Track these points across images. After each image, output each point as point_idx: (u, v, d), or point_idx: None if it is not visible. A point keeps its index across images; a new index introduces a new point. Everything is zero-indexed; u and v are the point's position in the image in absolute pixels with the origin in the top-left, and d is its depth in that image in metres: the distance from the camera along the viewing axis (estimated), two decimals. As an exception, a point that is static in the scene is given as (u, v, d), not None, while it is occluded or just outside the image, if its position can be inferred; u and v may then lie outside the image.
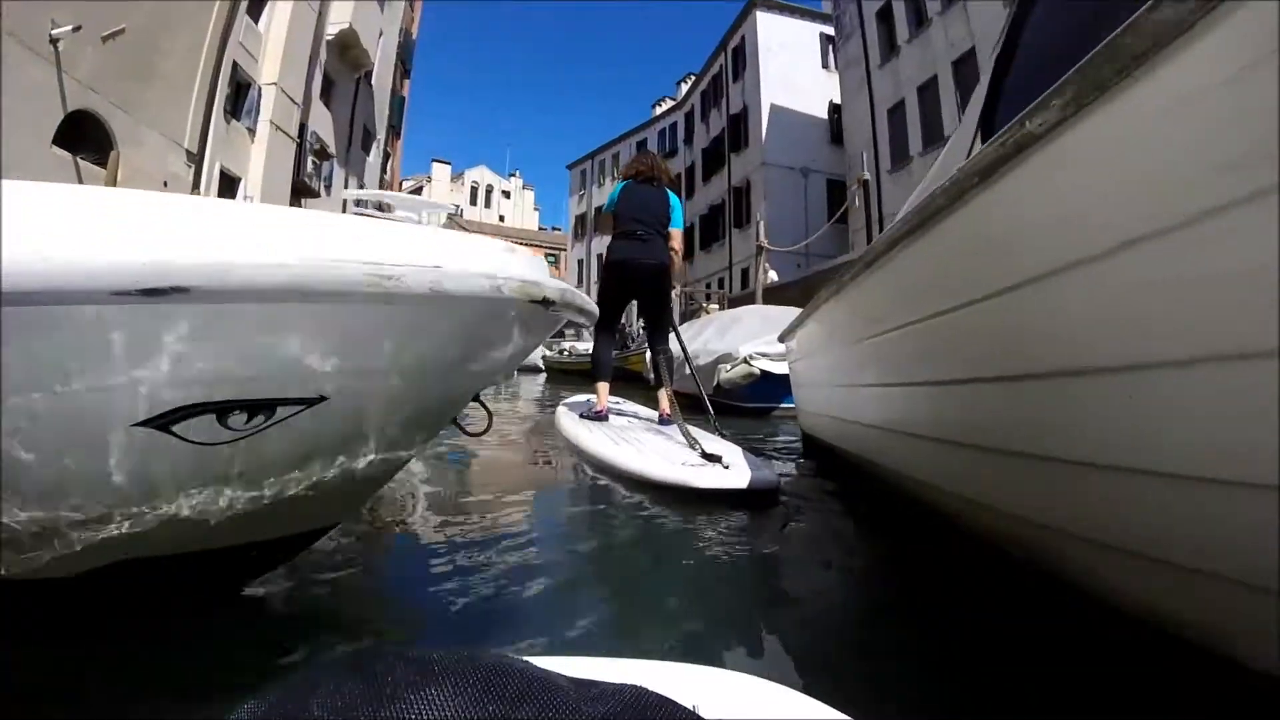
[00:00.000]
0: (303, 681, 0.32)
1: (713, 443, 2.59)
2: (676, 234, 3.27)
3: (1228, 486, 0.63)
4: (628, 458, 2.32)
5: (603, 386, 3.29)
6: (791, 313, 5.84)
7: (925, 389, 1.42)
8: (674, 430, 2.82)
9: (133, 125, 9.16)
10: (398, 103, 22.11)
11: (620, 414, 3.51)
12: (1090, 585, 1.02)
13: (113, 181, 8.14)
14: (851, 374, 1.97)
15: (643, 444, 2.55)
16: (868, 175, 5.20)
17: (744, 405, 4.90)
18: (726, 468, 2.14)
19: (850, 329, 1.82)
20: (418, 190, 45.48)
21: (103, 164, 8.34)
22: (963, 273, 1.07)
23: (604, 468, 2.44)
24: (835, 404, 2.32)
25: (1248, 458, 0.59)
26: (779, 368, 4.60)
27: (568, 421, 3.20)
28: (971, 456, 1.26)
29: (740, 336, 5.21)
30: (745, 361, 4.69)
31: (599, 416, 3.13)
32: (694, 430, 2.74)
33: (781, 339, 3.32)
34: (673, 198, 3.30)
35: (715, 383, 5.00)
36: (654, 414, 3.47)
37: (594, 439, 2.68)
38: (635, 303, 3.56)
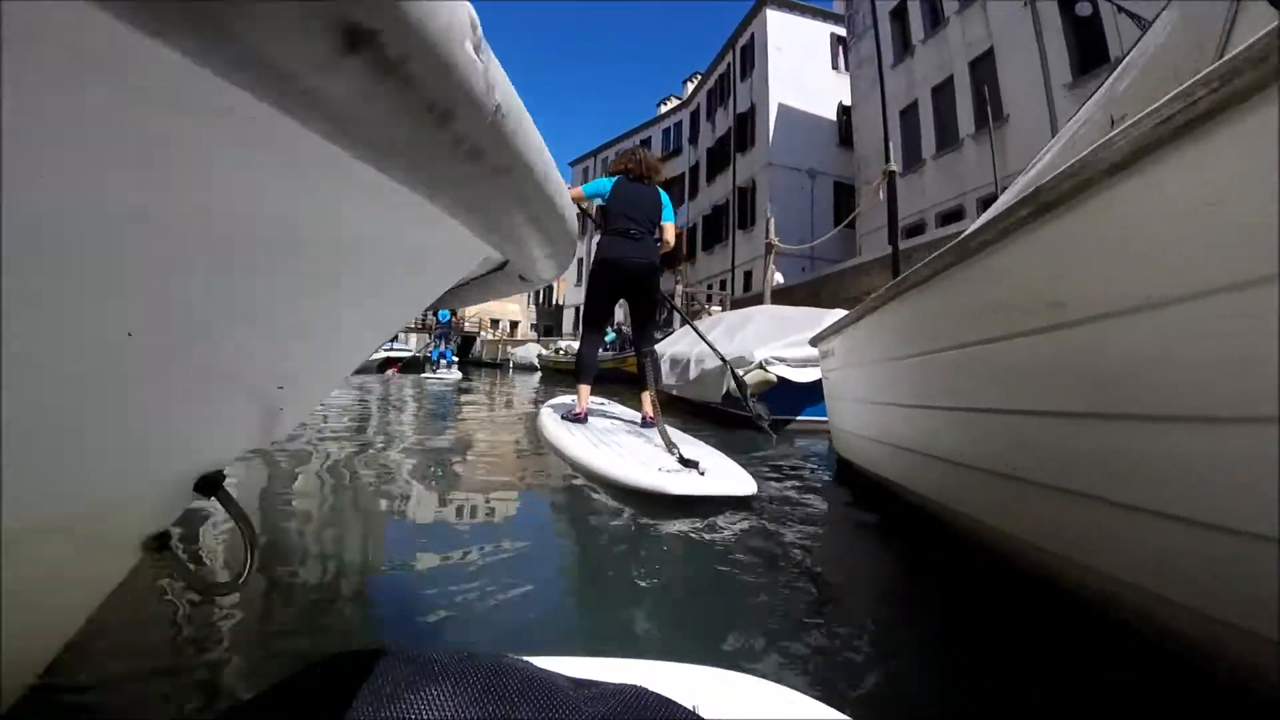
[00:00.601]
0: (303, 681, 0.31)
1: (691, 447, 2.56)
2: (670, 226, 3.27)
3: None
4: (605, 462, 2.28)
5: (584, 389, 3.23)
6: (813, 314, 5.30)
7: (1046, 422, 0.97)
8: (655, 433, 2.75)
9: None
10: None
11: (603, 416, 3.45)
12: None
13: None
14: (927, 393, 1.47)
15: (622, 447, 2.52)
16: (895, 166, 4.72)
17: (754, 417, 4.37)
18: (702, 474, 2.10)
19: (937, 333, 1.32)
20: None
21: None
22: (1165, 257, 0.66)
23: (583, 471, 2.41)
24: (890, 428, 1.82)
25: None
26: (800, 374, 4.08)
27: (550, 423, 3.12)
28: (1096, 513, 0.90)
29: (753, 339, 4.67)
30: (760, 367, 4.16)
31: (578, 419, 3.08)
32: (674, 433, 2.70)
33: (814, 343, 2.82)
34: (664, 195, 3.29)
35: (724, 390, 4.48)
36: (637, 415, 3.40)
37: (574, 441, 2.65)
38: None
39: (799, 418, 4.29)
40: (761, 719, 0.44)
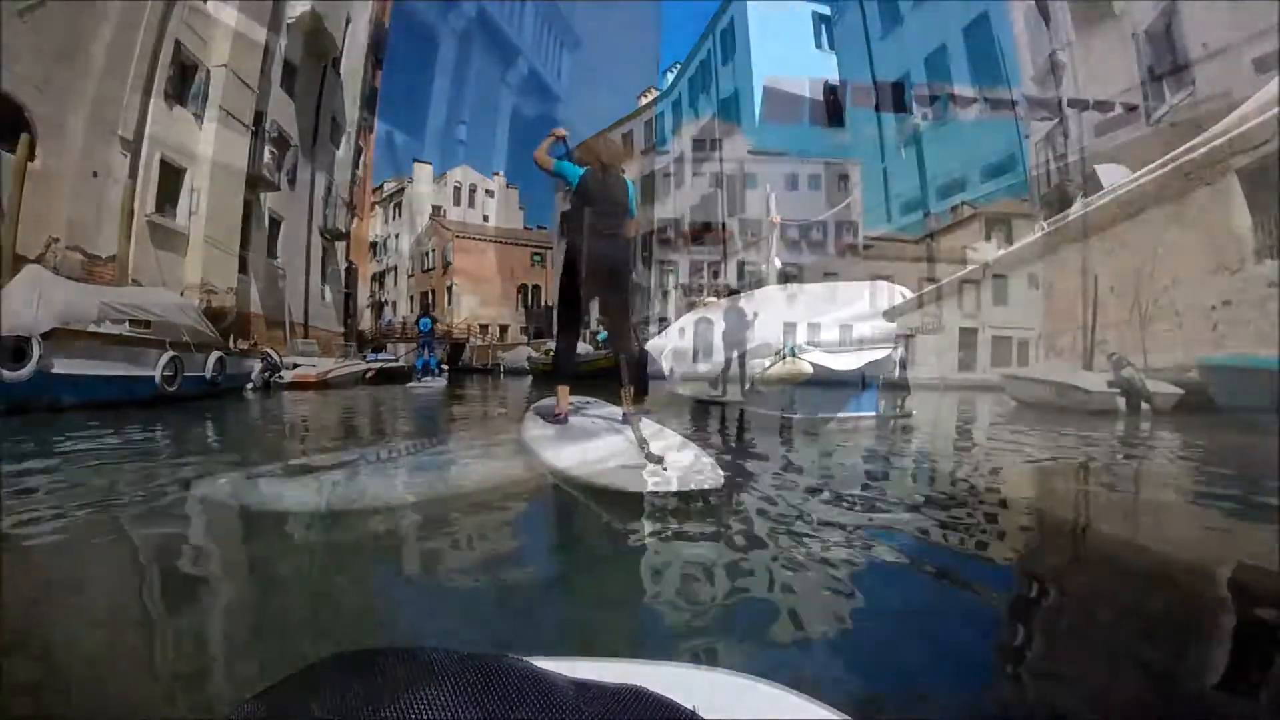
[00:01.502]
0: (303, 681, 0.31)
1: (662, 442, 2.57)
2: (633, 222, 3.27)
3: None
4: (572, 462, 2.33)
5: (563, 389, 3.24)
6: (834, 289, 4.81)
7: None
8: (630, 430, 2.76)
9: (55, 109, 8.03)
10: (370, 94, 20.96)
11: (584, 415, 3.41)
12: None
13: (21, 170, 7.00)
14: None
15: (593, 447, 2.55)
16: (918, 119, 4.24)
17: (786, 415, 3.85)
18: (665, 469, 2.14)
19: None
20: (398, 193, 44.04)
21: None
22: None
23: (553, 472, 2.45)
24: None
25: None
26: (839, 361, 3.57)
27: (529, 425, 3.19)
28: None
29: (776, 324, 4.15)
30: (792, 354, 3.64)
31: (558, 419, 3.11)
32: (650, 427, 2.73)
33: (892, 316, 2.33)
34: (631, 187, 3.27)
35: (749, 384, 3.98)
36: (619, 412, 3.33)
37: (546, 443, 2.70)
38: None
39: (838, 415, 3.77)
40: (761, 719, 0.43)
